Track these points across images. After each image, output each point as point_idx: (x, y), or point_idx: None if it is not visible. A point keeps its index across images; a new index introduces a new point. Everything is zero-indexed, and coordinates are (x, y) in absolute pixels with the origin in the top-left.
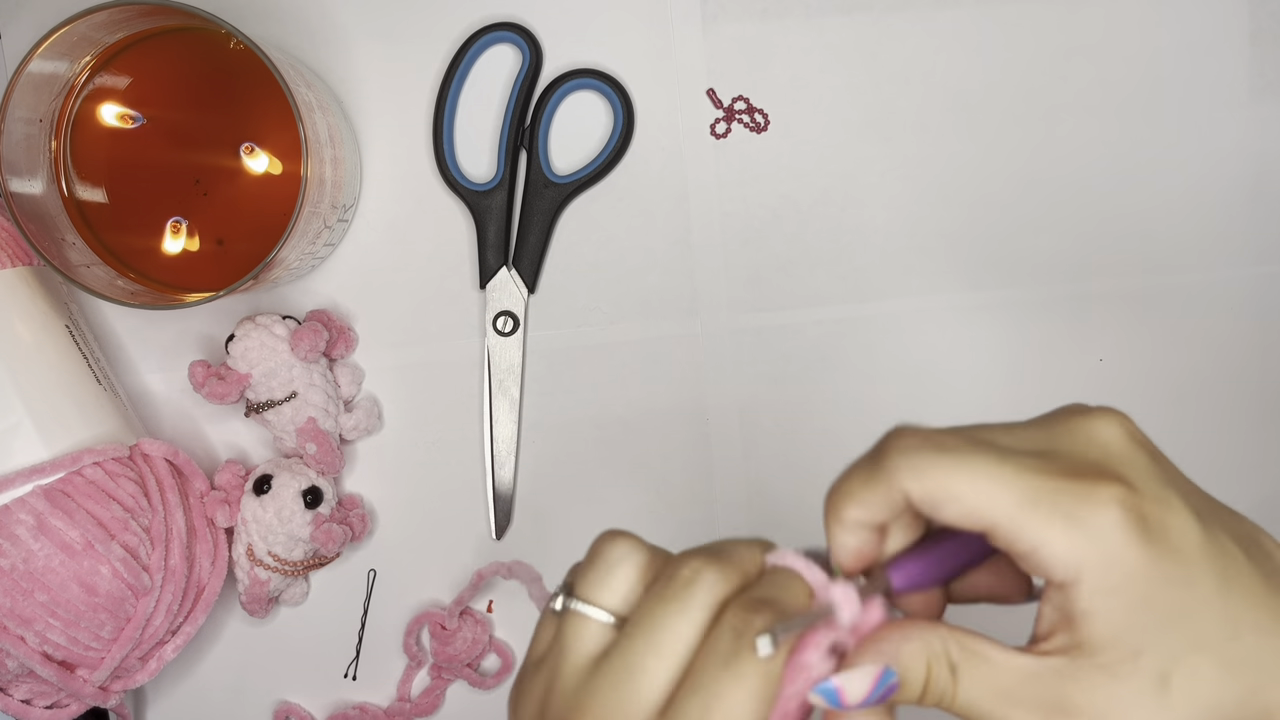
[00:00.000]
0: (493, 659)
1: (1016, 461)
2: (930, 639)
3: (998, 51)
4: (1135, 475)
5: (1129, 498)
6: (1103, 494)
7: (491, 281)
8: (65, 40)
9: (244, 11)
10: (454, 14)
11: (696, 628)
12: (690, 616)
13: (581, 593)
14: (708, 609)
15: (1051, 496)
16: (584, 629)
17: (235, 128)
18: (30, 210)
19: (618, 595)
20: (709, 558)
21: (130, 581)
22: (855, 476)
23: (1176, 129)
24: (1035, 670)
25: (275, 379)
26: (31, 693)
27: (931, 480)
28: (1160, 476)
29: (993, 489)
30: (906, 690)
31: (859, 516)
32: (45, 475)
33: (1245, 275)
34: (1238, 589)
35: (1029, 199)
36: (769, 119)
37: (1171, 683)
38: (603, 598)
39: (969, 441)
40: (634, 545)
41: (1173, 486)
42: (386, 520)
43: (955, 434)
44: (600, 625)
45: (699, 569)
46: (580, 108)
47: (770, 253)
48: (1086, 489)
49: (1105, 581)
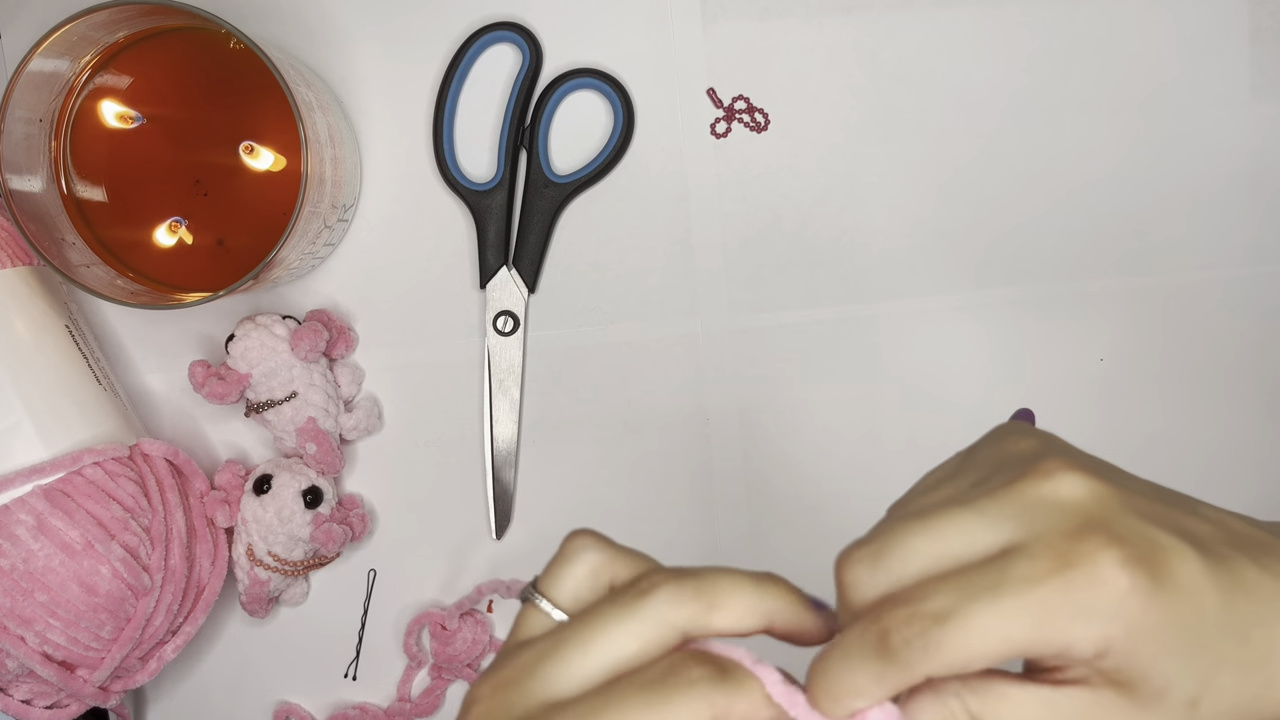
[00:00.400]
0: (492, 659)
1: (1011, 585)
2: (946, 699)
3: (998, 51)
4: (1116, 527)
5: (1128, 557)
6: (1103, 569)
7: (492, 281)
8: (65, 40)
9: (244, 11)
10: (454, 13)
11: (636, 640)
12: (629, 627)
13: (540, 586)
14: (653, 625)
15: (1060, 600)
16: (536, 620)
17: (235, 127)
18: (30, 210)
19: (567, 592)
20: (673, 577)
21: (130, 581)
22: (861, 674)
23: (1177, 128)
24: (1059, 702)
25: (275, 379)
26: (32, 693)
27: (950, 656)
28: (1134, 513)
29: (1006, 628)
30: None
31: (866, 705)
32: (45, 475)
33: (1245, 274)
34: (1239, 593)
35: (1029, 198)
36: (769, 118)
37: (1201, 704)
38: (554, 593)
39: (959, 594)
40: (589, 544)
41: (1147, 518)
42: (386, 520)
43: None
44: (551, 619)
45: (656, 584)
46: (580, 107)
47: (770, 253)
48: (1087, 572)
49: (1129, 645)
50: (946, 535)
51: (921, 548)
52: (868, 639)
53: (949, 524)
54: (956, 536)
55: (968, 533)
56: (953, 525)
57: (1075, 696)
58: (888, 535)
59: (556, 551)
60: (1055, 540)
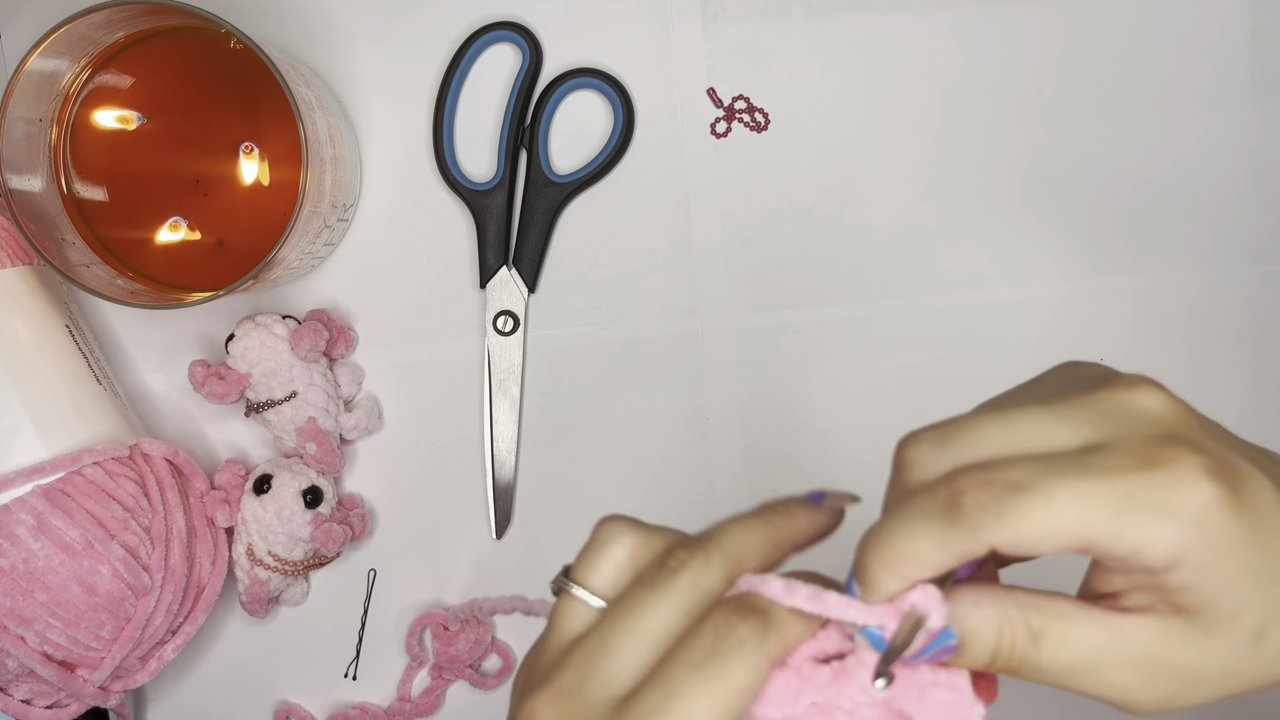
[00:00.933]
0: (494, 659)
1: (1095, 471)
2: (1006, 606)
3: (998, 50)
4: (1199, 441)
5: (1213, 467)
6: (1189, 474)
7: (492, 281)
8: (65, 39)
9: (244, 11)
10: (454, 13)
11: (678, 614)
12: (672, 603)
13: (574, 575)
14: (692, 598)
15: (1143, 494)
16: (573, 609)
17: (235, 127)
18: (30, 210)
19: (605, 578)
20: (698, 548)
21: (130, 581)
22: (924, 537)
23: (1176, 127)
24: (1125, 628)
25: (275, 379)
26: (32, 693)
27: (1023, 527)
28: (1212, 436)
29: (1083, 510)
30: (969, 655)
31: (922, 575)
32: (45, 475)
33: (1245, 274)
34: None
35: (1029, 198)
36: (769, 118)
37: (1267, 635)
38: (591, 580)
39: (1040, 468)
40: (624, 529)
41: (1227, 445)
42: (386, 520)
43: (1021, 465)
44: (586, 607)
45: (684, 561)
46: (580, 107)
47: (771, 252)
48: (1173, 474)
49: (1204, 559)
50: (1022, 428)
51: (994, 434)
52: (936, 500)
53: (1025, 419)
54: (1032, 430)
55: (1044, 429)
56: (1029, 420)
57: (1140, 623)
58: (959, 420)
59: (590, 539)
60: (1139, 442)
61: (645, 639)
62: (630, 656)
